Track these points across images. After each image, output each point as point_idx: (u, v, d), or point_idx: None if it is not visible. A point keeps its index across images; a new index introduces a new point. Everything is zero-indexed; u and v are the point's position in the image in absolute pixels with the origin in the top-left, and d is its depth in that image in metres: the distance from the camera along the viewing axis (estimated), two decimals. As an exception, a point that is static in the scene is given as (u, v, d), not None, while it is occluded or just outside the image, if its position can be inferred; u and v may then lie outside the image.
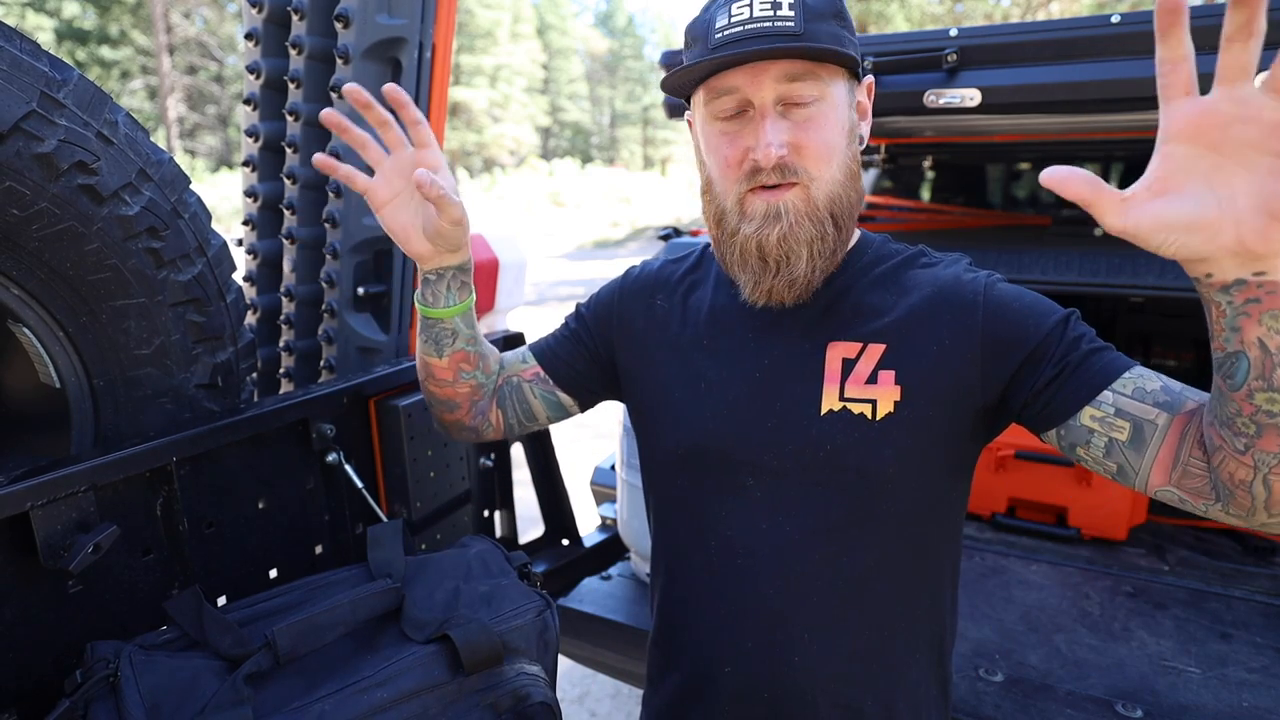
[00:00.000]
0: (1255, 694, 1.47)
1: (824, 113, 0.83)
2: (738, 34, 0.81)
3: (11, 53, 0.82)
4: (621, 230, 21.65)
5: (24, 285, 0.91)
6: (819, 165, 0.83)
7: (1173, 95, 0.57)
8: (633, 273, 1.09)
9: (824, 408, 0.87)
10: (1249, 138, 0.54)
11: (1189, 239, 0.58)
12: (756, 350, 0.92)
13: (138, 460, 0.94)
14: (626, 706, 2.56)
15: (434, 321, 1.01)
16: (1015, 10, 17.31)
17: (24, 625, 0.86)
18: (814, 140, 0.83)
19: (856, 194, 0.88)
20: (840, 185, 0.85)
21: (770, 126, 0.82)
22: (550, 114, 43.30)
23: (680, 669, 1.00)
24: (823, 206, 0.85)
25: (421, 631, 0.88)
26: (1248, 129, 0.54)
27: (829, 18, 0.82)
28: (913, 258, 0.94)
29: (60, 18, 23.71)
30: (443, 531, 1.40)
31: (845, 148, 0.86)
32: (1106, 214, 0.60)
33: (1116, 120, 1.85)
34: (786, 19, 0.80)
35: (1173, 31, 0.55)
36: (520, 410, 1.11)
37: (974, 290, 0.87)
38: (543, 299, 11.13)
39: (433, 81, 1.39)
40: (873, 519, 0.87)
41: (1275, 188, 0.54)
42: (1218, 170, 0.56)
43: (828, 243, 0.85)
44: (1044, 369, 0.81)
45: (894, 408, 0.84)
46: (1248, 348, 0.62)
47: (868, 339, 0.87)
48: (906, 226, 3.22)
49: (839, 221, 0.86)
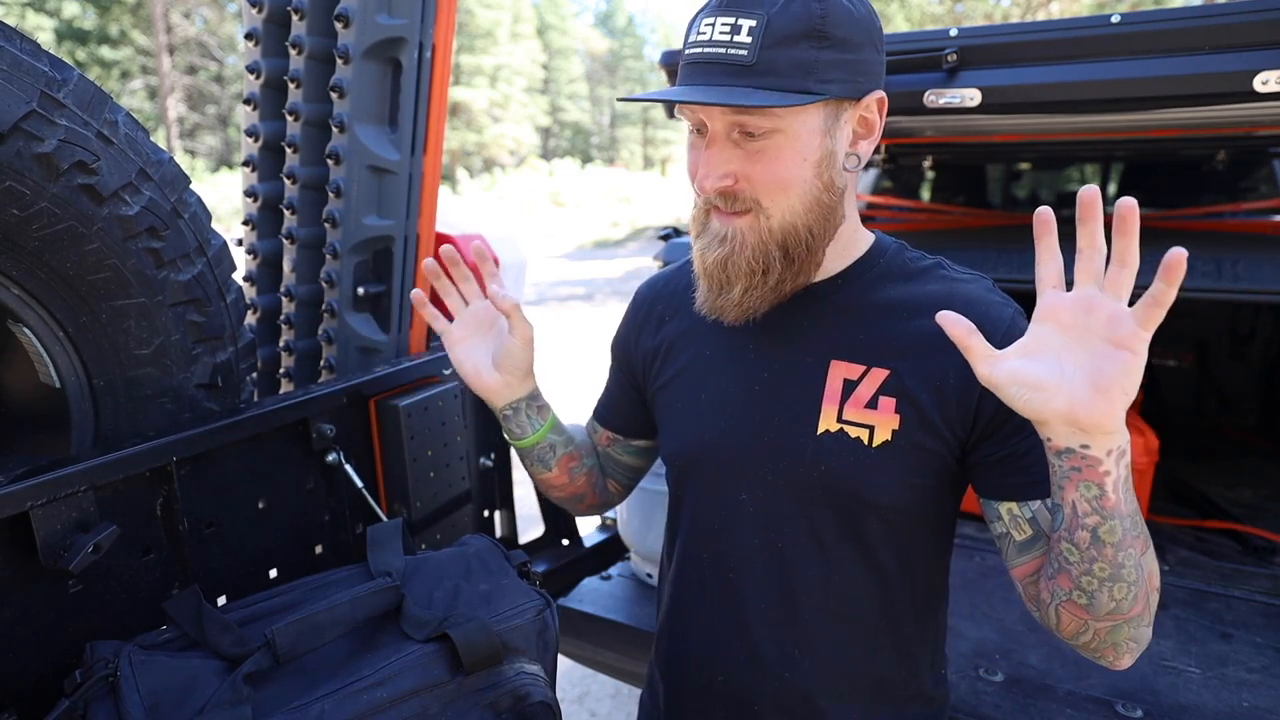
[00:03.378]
0: (1255, 694, 1.47)
1: (779, 145, 0.78)
2: (696, 56, 0.78)
3: (11, 53, 0.82)
4: (621, 230, 21.64)
5: (24, 285, 0.91)
6: (771, 197, 0.80)
7: (1044, 288, 0.69)
8: (639, 294, 1.09)
9: (820, 427, 0.85)
10: (1092, 325, 0.66)
11: (1034, 396, 0.67)
12: (757, 361, 0.91)
13: (138, 460, 0.94)
14: (626, 706, 2.56)
15: (529, 449, 1.07)
16: (1015, 10, 17.31)
17: (24, 625, 0.86)
18: (764, 173, 0.79)
19: (824, 222, 0.83)
20: (800, 216, 0.81)
21: (716, 156, 0.79)
22: (550, 114, 43.30)
23: (674, 676, 1.01)
24: (770, 237, 0.81)
25: (421, 630, 0.88)
26: (1091, 319, 0.66)
27: (798, 40, 0.74)
28: (929, 270, 0.89)
29: (60, 18, 23.71)
30: (443, 531, 1.40)
31: (812, 178, 0.80)
32: (978, 363, 0.70)
33: (1116, 120, 1.85)
34: (740, 47, 0.74)
35: (1044, 239, 0.68)
36: (622, 472, 1.16)
37: (995, 329, 0.80)
38: (543, 299, 11.13)
39: (433, 81, 1.39)
40: (863, 538, 0.87)
41: (1103, 366, 0.65)
42: (1067, 348, 0.68)
43: (771, 275, 0.82)
44: (1008, 444, 0.81)
45: (891, 436, 0.83)
46: (1064, 505, 0.72)
47: (872, 361, 0.85)
48: (906, 226, 3.23)
49: (792, 253, 0.82)
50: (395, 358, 1.47)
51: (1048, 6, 16.68)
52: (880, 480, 0.84)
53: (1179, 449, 2.85)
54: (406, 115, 1.38)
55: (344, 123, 1.34)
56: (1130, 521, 0.71)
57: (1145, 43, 1.50)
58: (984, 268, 1.85)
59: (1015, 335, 0.80)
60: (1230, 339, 3.25)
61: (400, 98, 1.38)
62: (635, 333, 1.06)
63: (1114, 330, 0.65)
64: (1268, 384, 3.21)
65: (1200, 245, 2.05)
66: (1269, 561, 2.03)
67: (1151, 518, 2.22)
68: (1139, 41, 1.51)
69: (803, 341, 0.89)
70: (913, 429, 0.83)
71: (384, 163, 1.38)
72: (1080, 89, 1.56)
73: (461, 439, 1.42)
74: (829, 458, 0.85)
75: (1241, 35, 1.42)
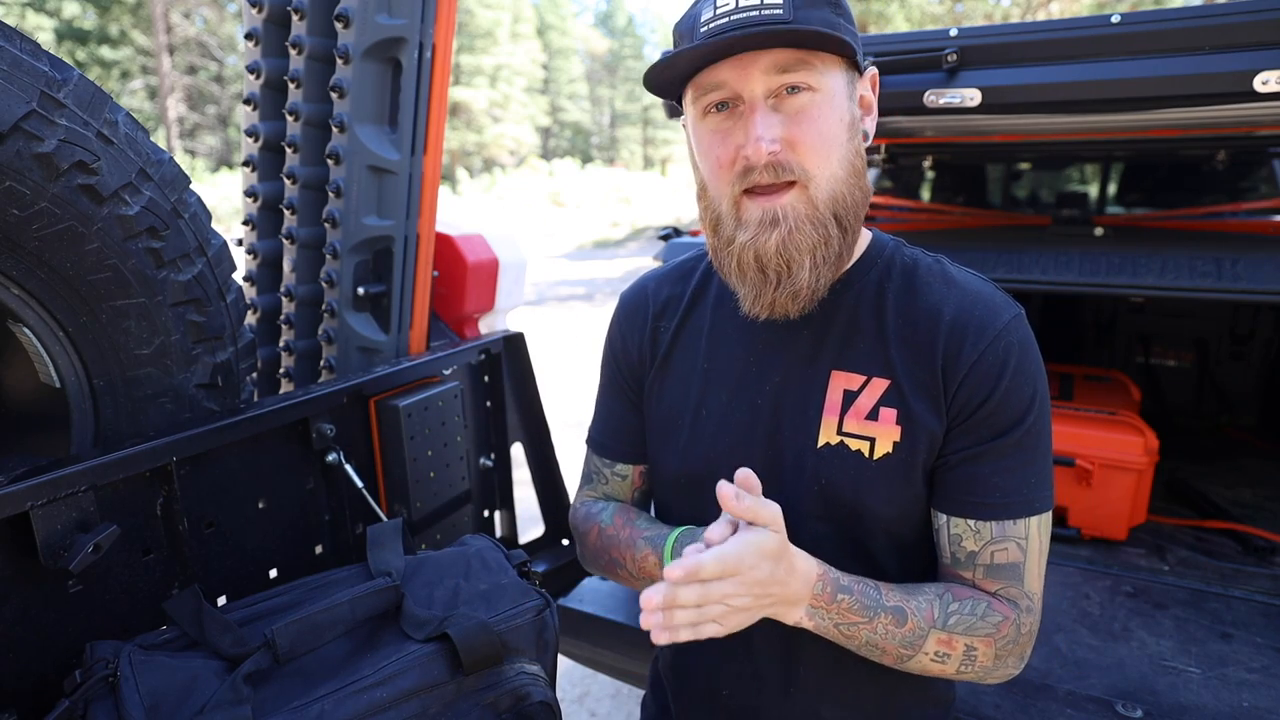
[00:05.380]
0: (1255, 694, 1.47)
1: (819, 104, 0.77)
2: (723, 25, 0.75)
3: (12, 53, 0.81)
4: (621, 230, 21.64)
5: (24, 285, 0.91)
6: (817, 161, 0.77)
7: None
8: (626, 302, 1.03)
9: (820, 440, 0.85)
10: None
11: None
12: (758, 375, 0.89)
13: (138, 460, 0.94)
14: (626, 706, 2.56)
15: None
16: (1015, 10, 17.30)
17: (24, 625, 0.86)
18: (809, 134, 0.76)
19: (861, 192, 0.82)
20: (843, 183, 0.79)
21: (761, 120, 0.76)
22: (550, 114, 43.29)
23: (681, 689, 1.00)
24: (824, 207, 0.78)
25: (421, 630, 0.88)
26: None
27: (821, 4, 0.76)
28: (929, 270, 0.87)
29: (60, 18, 23.71)
30: (443, 531, 1.40)
31: (846, 142, 0.79)
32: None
33: (1116, 120, 1.85)
34: (774, 6, 0.74)
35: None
36: (647, 497, 1.08)
37: (993, 324, 0.82)
38: (543, 299, 11.13)
39: (433, 81, 1.39)
40: (866, 550, 0.87)
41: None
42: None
43: (832, 247, 0.79)
44: (981, 463, 0.82)
45: (892, 448, 0.82)
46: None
47: (872, 371, 0.84)
48: (906, 226, 3.23)
49: (844, 223, 0.80)
50: (395, 358, 1.46)
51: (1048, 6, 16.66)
52: (881, 493, 0.83)
53: (1179, 449, 2.85)
54: (406, 115, 1.38)
55: (344, 123, 1.34)
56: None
57: (1145, 43, 1.50)
58: (984, 268, 1.85)
59: (1011, 336, 0.81)
60: (1230, 339, 3.25)
61: (400, 98, 1.38)
62: (631, 341, 1.01)
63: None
64: (1268, 384, 3.21)
65: (1200, 245, 2.05)
66: (1269, 561, 2.03)
67: (1152, 518, 2.22)
68: (1139, 41, 1.51)
69: (803, 352, 0.87)
70: (914, 439, 0.82)
71: (384, 163, 1.38)
72: (1080, 89, 1.55)
73: (461, 439, 1.42)
74: (829, 472, 0.84)
75: (1241, 35, 1.42)
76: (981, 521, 0.82)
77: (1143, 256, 1.88)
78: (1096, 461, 2.10)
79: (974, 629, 0.80)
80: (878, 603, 0.79)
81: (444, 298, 1.68)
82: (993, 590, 0.83)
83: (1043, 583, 0.85)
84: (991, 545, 0.82)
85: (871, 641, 0.80)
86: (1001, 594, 0.83)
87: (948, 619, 0.80)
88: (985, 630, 0.81)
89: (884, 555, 0.87)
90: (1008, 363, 0.80)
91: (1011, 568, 0.82)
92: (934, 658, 0.81)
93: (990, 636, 0.81)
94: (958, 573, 0.84)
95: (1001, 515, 0.81)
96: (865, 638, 0.80)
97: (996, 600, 0.82)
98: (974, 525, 0.82)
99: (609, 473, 1.05)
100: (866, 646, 0.81)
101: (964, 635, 0.80)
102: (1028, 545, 0.82)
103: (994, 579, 0.83)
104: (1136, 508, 2.13)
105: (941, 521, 0.84)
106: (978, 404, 0.81)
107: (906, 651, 0.80)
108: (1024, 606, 0.83)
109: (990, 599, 0.82)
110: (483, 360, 1.59)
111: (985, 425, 0.81)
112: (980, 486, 0.82)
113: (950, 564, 0.85)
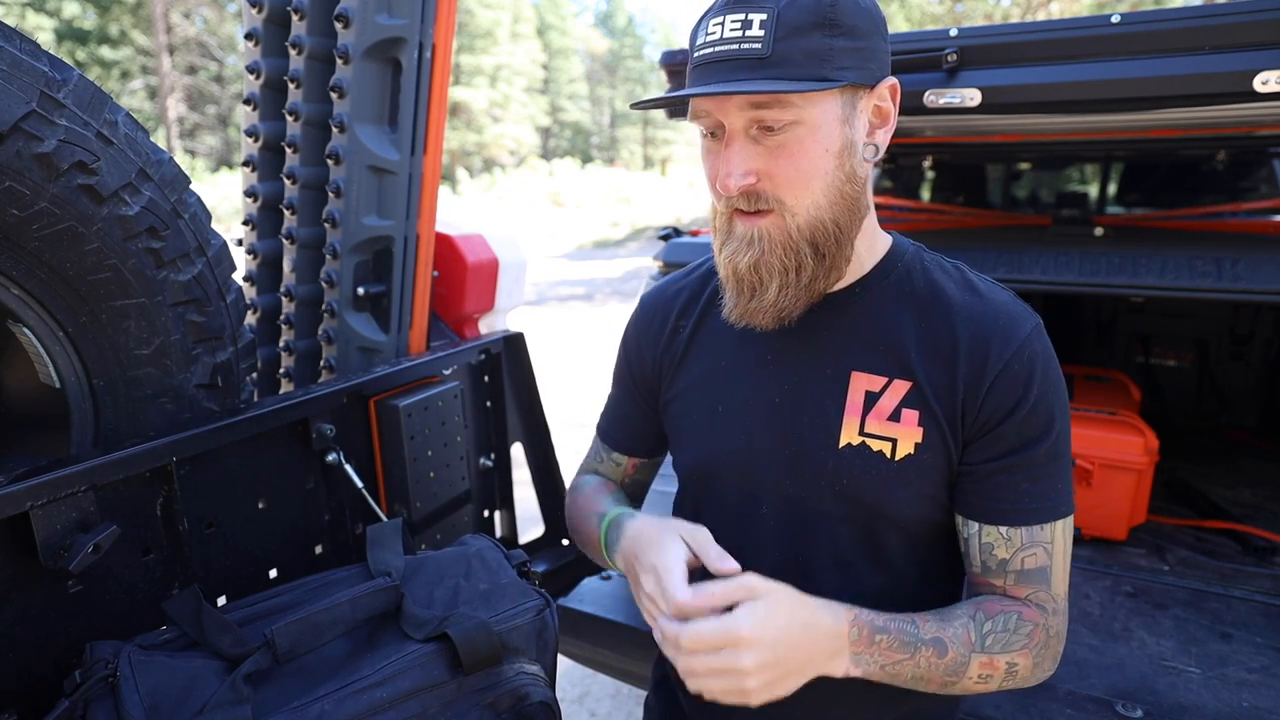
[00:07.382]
0: (1255, 694, 1.47)
1: (801, 137, 0.76)
2: (708, 56, 0.76)
3: (11, 53, 0.81)
4: (621, 230, 21.64)
5: (24, 285, 0.91)
6: (795, 193, 0.78)
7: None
8: (646, 303, 1.06)
9: (842, 440, 0.85)
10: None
11: None
12: (777, 374, 0.89)
13: (138, 460, 0.94)
14: (626, 706, 2.56)
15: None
16: (1015, 10, 17.30)
17: (24, 625, 0.86)
18: (786, 168, 0.77)
19: (850, 215, 0.82)
20: (825, 210, 0.79)
21: (736, 154, 0.77)
22: (550, 114, 43.30)
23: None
24: (799, 235, 0.79)
25: (421, 630, 0.88)
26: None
27: (810, 30, 0.74)
28: (950, 276, 0.88)
29: (60, 18, 23.72)
30: (443, 531, 1.40)
31: (834, 169, 0.78)
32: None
33: (1116, 120, 1.85)
34: (753, 40, 0.74)
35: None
36: (643, 490, 1.14)
37: (1014, 337, 0.82)
38: (543, 299, 11.13)
39: (433, 81, 1.39)
40: (884, 551, 0.87)
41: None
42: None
43: (804, 273, 0.81)
44: (1015, 472, 0.82)
45: (914, 449, 0.83)
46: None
47: (893, 373, 0.84)
48: (907, 226, 3.22)
49: (821, 249, 0.81)
50: (395, 358, 1.46)
51: (1048, 6, 16.68)
52: (902, 494, 0.84)
53: (1179, 449, 2.85)
54: (406, 115, 1.38)
55: (344, 123, 1.34)
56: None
57: (1145, 43, 1.50)
58: (984, 268, 1.85)
59: (1035, 346, 0.82)
60: (1230, 339, 3.25)
61: (400, 98, 1.38)
62: (646, 342, 1.03)
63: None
64: (1268, 384, 3.21)
65: (1200, 245, 2.05)
66: (1269, 561, 2.03)
67: (1152, 518, 2.21)
68: (1139, 41, 1.51)
69: (823, 352, 0.87)
70: (935, 442, 0.83)
71: (384, 163, 1.38)
72: (1080, 89, 1.55)
73: (461, 439, 1.42)
74: (850, 471, 0.85)
75: (1241, 35, 1.42)
76: (1013, 528, 0.82)
77: (1143, 256, 1.88)
78: (1096, 461, 2.10)
79: (1010, 645, 0.81)
80: (916, 637, 0.79)
81: (444, 298, 1.68)
82: (1022, 596, 0.83)
83: (1068, 584, 0.86)
84: (1022, 552, 0.83)
85: (917, 676, 0.80)
86: (1030, 599, 0.83)
87: (985, 640, 0.81)
88: (1020, 643, 0.81)
89: (900, 555, 0.87)
90: (1034, 373, 0.81)
91: (1040, 572, 0.83)
92: (978, 680, 0.81)
93: (1026, 648, 0.82)
94: (988, 580, 0.85)
95: (1031, 521, 0.82)
96: (910, 674, 0.80)
97: (1025, 607, 0.83)
98: (1005, 533, 0.83)
99: (606, 457, 1.12)
100: (912, 681, 0.81)
101: (1003, 654, 0.81)
102: (1054, 549, 0.83)
103: (1024, 584, 0.83)
104: (1136, 508, 2.13)
105: (973, 530, 0.84)
106: (1005, 413, 0.81)
107: (951, 679, 0.81)
108: (1051, 609, 0.83)
109: (1019, 608, 0.83)
110: (483, 360, 1.59)
111: (1015, 434, 0.81)
112: (1013, 494, 0.82)
113: (980, 572, 0.85)
